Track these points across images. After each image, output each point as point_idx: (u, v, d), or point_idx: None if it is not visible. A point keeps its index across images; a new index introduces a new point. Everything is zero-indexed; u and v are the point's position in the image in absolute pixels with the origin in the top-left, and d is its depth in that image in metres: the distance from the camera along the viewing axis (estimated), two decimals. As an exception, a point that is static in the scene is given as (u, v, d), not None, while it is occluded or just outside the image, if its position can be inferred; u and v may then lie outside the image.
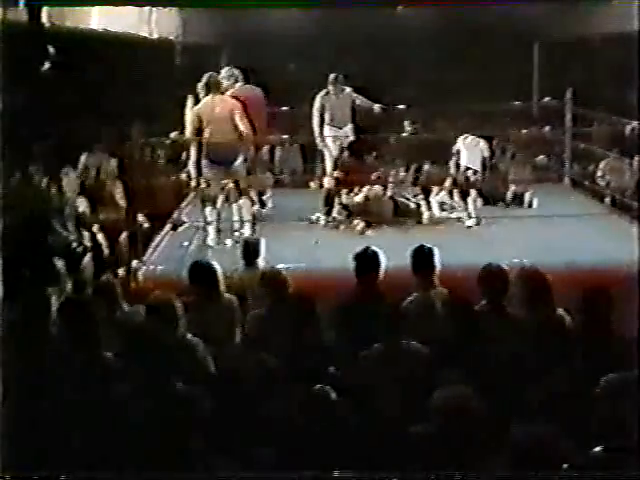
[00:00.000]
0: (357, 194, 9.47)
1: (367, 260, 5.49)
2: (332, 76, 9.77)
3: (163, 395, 3.86)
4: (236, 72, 8.99)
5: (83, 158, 9.86)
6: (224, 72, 8.99)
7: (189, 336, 4.63)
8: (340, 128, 9.91)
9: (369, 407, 3.93)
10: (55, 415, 3.46)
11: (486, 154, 10.83)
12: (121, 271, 7.65)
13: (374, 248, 5.60)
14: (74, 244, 8.34)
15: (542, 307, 4.93)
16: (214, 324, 5.13)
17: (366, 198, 9.35)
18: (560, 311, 4.96)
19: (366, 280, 5.42)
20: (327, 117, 9.83)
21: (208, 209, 8.54)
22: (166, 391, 3.89)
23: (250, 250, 6.27)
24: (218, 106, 8.40)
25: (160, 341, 4.07)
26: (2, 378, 3.67)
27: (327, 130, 9.91)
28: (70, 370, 4.07)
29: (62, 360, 4.19)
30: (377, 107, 10.03)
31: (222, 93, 8.53)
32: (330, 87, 9.79)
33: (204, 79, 8.54)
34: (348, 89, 9.89)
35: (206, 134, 8.37)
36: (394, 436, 3.68)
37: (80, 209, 8.92)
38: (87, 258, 8.08)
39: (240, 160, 8.50)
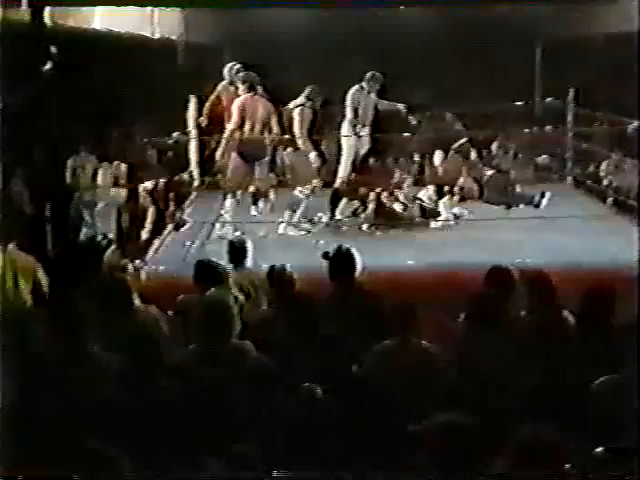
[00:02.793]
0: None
1: (341, 260, 5.48)
2: (369, 74, 9.70)
3: (164, 394, 3.86)
4: (242, 68, 9.11)
5: (70, 161, 9.84)
6: (233, 69, 9.11)
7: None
8: (363, 126, 9.81)
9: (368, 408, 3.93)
10: (55, 415, 3.46)
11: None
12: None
13: (347, 246, 5.60)
14: (99, 236, 8.50)
15: (545, 308, 4.94)
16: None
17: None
18: (564, 312, 4.97)
19: (342, 280, 5.40)
20: (353, 113, 9.73)
21: (228, 201, 8.72)
22: (166, 390, 3.89)
23: (236, 251, 6.18)
24: (260, 105, 8.67)
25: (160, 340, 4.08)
26: (2, 378, 3.68)
27: (349, 126, 9.79)
28: (71, 368, 4.08)
29: (63, 358, 4.19)
30: (402, 107, 9.95)
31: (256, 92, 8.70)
32: (364, 84, 9.70)
33: (244, 76, 8.71)
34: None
35: (245, 130, 8.63)
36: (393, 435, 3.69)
37: (120, 201, 9.19)
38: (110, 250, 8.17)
39: (266, 159, 8.69)
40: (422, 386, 4.14)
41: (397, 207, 9.29)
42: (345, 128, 9.71)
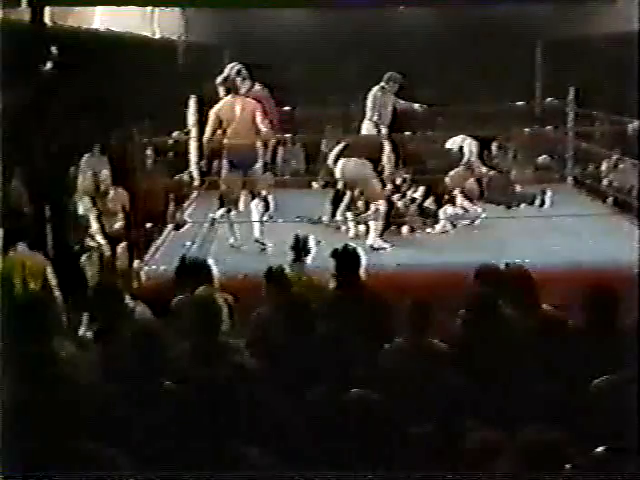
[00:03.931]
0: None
1: (347, 257, 5.54)
2: (388, 74, 9.63)
3: (169, 394, 3.86)
4: (244, 70, 8.90)
5: (84, 160, 9.76)
6: (234, 70, 8.87)
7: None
8: (383, 126, 9.68)
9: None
10: (55, 415, 3.46)
11: (473, 149, 10.42)
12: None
13: (353, 245, 5.66)
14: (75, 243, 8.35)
15: (530, 305, 4.95)
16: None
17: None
18: (547, 308, 4.99)
19: (347, 278, 5.45)
20: (376, 114, 9.63)
21: (232, 211, 8.47)
22: (173, 390, 3.89)
23: (300, 245, 6.33)
24: (239, 107, 8.32)
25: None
26: (2, 378, 3.68)
27: (370, 126, 9.69)
28: (70, 369, 4.08)
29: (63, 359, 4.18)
30: (417, 107, 9.89)
31: (236, 93, 8.46)
32: (384, 84, 9.64)
33: (221, 79, 8.50)
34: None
35: (227, 135, 8.30)
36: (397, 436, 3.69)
37: (80, 211, 8.80)
38: (85, 256, 8.07)
39: (259, 164, 8.44)
40: (424, 387, 4.14)
41: (404, 230, 9.16)
42: (365, 128, 9.65)
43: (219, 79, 8.55)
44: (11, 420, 3.36)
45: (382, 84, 9.59)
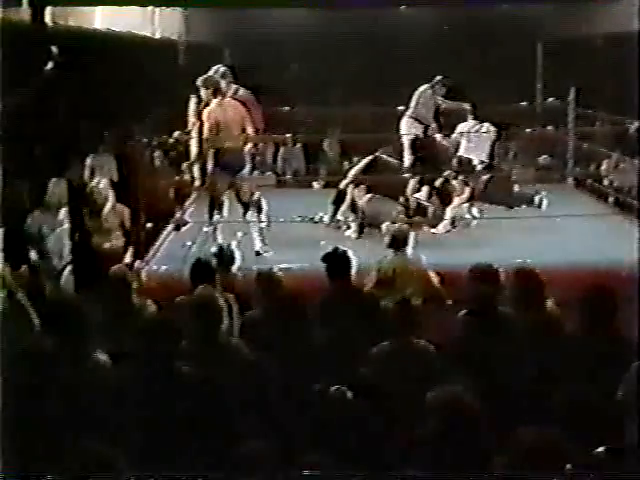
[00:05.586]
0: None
1: (337, 260, 5.57)
2: (437, 78, 9.58)
3: (168, 394, 3.86)
4: (228, 72, 8.88)
5: (89, 160, 9.71)
6: (218, 73, 8.83)
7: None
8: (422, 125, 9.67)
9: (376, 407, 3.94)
10: (55, 415, 3.47)
11: (494, 137, 9.94)
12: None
13: (343, 248, 5.69)
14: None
15: (535, 306, 4.95)
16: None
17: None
18: (553, 308, 4.99)
19: (338, 280, 5.49)
20: (416, 111, 9.59)
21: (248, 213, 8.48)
22: (172, 390, 3.89)
23: (400, 239, 6.76)
24: (230, 110, 8.36)
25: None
26: (2, 378, 3.68)
27: (410, 121, 9.68)
28: (69, 370, 4.08)
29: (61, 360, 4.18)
30: (467, 106, 9.82)
31: (224, 96, 8.47)
32: (432, 84, 9.59)
33: (201, 80, 8.49)
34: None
35: (217, 138, 8.33)
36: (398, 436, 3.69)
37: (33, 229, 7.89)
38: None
39: (248, 169, 8.46)
40: (422, 387, 4.14)
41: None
42: (404, 122, 9.62)
43: (199, 80, 8.55)
44: (11, 421, 3.36)
45: (431, 84, 9.57)
